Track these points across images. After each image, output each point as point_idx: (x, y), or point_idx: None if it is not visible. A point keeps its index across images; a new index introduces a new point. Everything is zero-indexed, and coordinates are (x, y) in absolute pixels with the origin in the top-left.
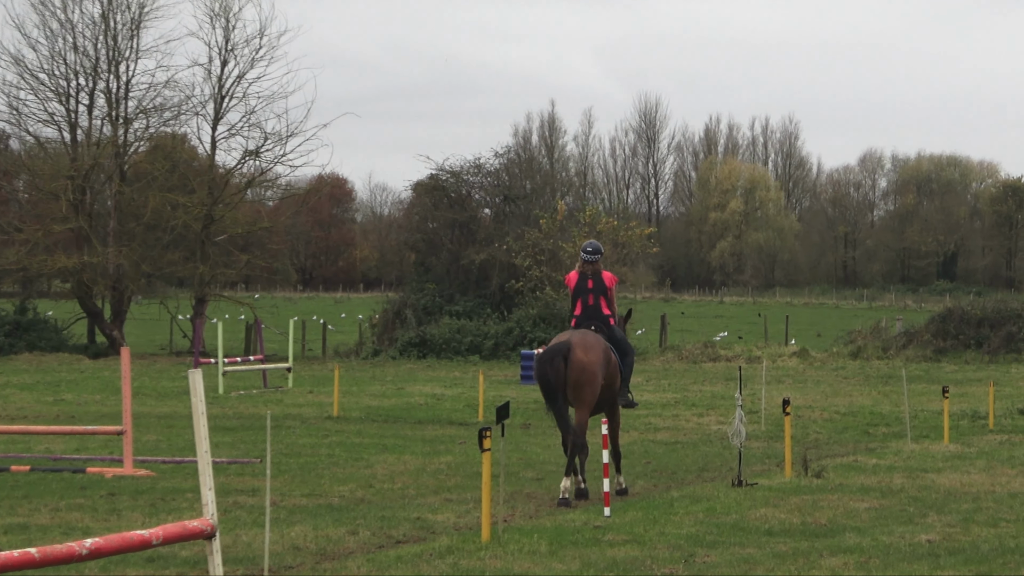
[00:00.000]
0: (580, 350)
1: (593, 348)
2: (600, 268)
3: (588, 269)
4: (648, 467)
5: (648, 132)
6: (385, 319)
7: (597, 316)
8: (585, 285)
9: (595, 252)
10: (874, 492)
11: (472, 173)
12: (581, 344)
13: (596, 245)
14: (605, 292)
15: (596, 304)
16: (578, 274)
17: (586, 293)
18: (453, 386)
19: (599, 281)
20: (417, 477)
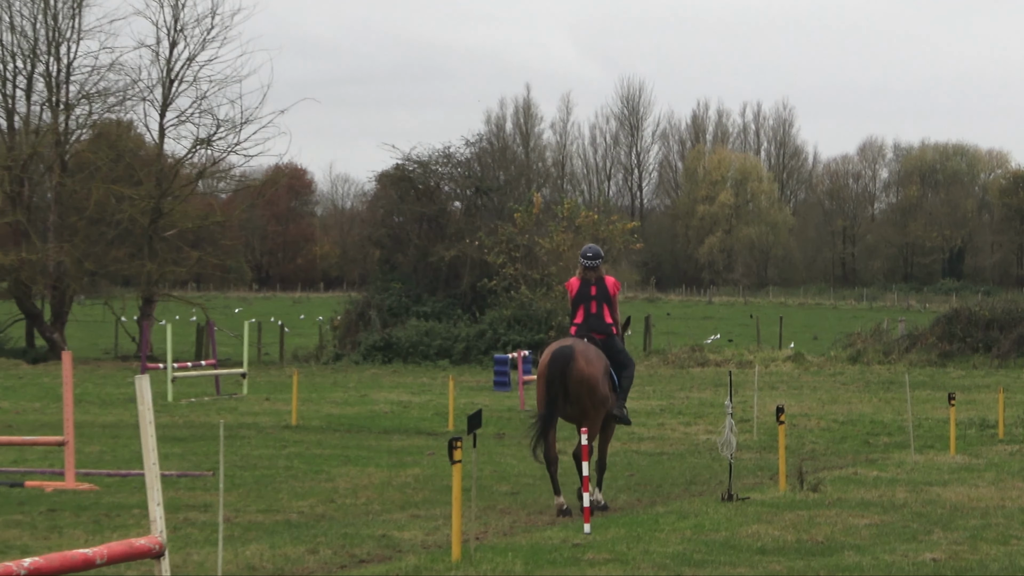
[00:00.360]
0: (583, 361)
1: (594, 363)
2: (603, 273)
3: (591, 275)
4: (632, 480)
5: (631, 119)
6: (347, 321)
7: (599, 325)
8: (588, 292)
9: (595, 257)
10: (875, 507)
11: (441, 163)
12: (584, 355)
13: (596, 249)
14: (609, 299)
15: (599, 312)
16: (580, 280)
17: (588, 300)
18: (421, 393)
19: (602, 287)
20: (382, 491)
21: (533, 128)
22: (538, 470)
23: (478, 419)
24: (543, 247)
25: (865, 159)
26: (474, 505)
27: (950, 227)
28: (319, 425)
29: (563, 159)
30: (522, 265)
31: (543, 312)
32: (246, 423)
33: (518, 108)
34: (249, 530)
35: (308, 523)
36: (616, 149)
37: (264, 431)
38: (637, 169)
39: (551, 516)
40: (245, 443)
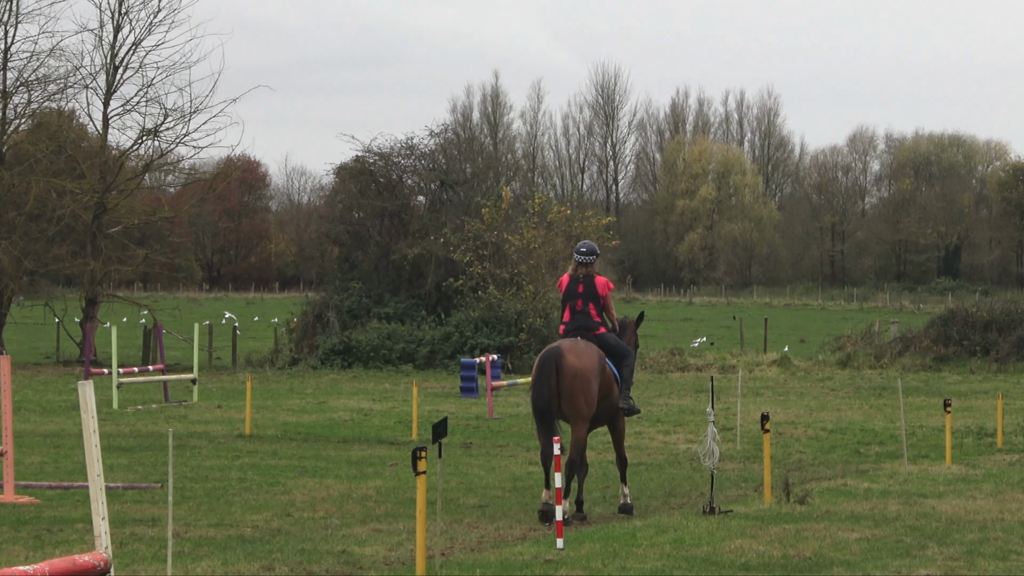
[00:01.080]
0: (572, 356)
1: (585, 354)
2: (594, 272)
3: (580, 272)
4: (607, 492)
5: (606, 108)
6: (304, 323)
7: (586, 324)
8: (575, 290)
9: (589, 253)
10: (866, 520)
11: (404, 155)
12: (572, 350)
13: (591, 246)
14: (596, 299)
15: (585, 310)
16: (569, 278)
17: (575, 298)
18: (383, 400)
19: (590, 286)
20: (342, 504)
21: (502, 118)
22: (507, 483)
23: (444, 428)
24: (513, 244)
25: (855, 151)
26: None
27: (945, 223)
28: (274, 434)
29: (534, 151)
30: (490, 264)
31: (513, 314)
32: (197, 432)
33: (486, 96)
34: (200, 546)
35: (263, 538)
36: (590, 140)
37: (216, 440)
38: (613, 161)
39: (522, 530)
40: (196, 453)
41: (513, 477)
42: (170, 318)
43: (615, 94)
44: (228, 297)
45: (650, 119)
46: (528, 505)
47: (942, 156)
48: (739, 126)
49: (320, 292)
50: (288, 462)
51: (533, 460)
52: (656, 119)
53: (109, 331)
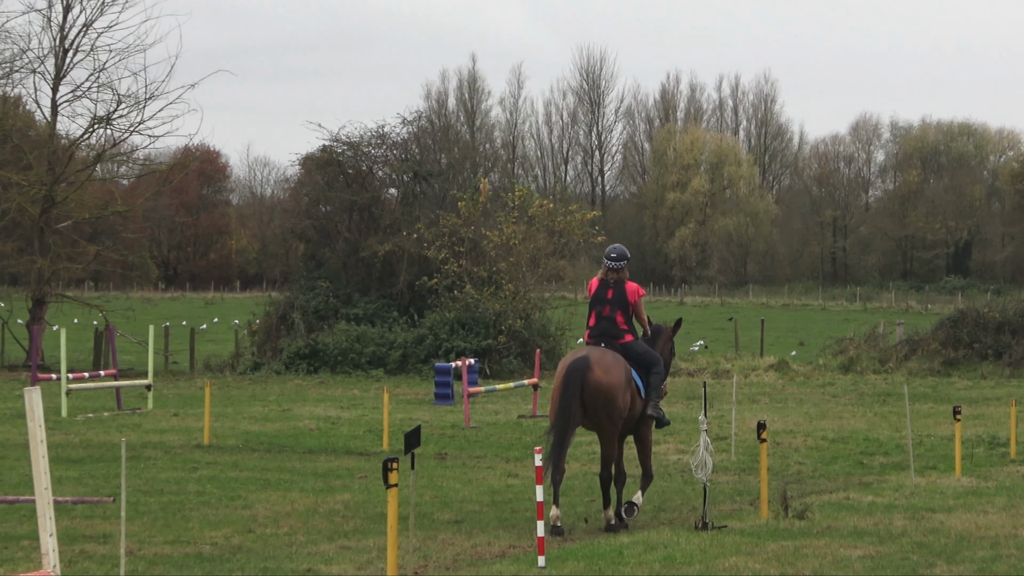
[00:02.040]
0: (600, 369)
1: (613, 368)
2: (625, 277)
3: (611, 277)
4: (592, 506)
5: (591, 94)
6: (267, 325)
7: (611, 331)
8: (604, 295)
9: (620, 258)
10: (870, 537)
11: (374, 145)
12: (600, 363)
13: (621, 250)
14: (625, 306)
15: (611, 317)
16: (599, 282)
17: (602, 304)
18: (351, 407)
19: (620, 292)
20: (307, 519)
21: (479, 105)
22: (485, 496)
23: (416, 437)
24: (491, 240)
25: (858, 140)
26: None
27: (955, 217)
28: (235, 444)
29: (514, 140)
30: (467, 261)
31: (491, 315)
32: (151, 442)
33: (462, 82)
34: (155, 564)
35: (222, 556)
36: (574, 128)
37: (172, 451)
38: (598, 151)
39: (501, 547)
40: (150, 465)
41: (491, 490)
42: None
43: (601, 79)
44: (185, 297)
45: (638, 106)
46: (507, 520)
47: (951, 146)
48: (734, 114)
49: (284, 292)
50: (250, 474)
51: (512, 472)
52: (645, 106)
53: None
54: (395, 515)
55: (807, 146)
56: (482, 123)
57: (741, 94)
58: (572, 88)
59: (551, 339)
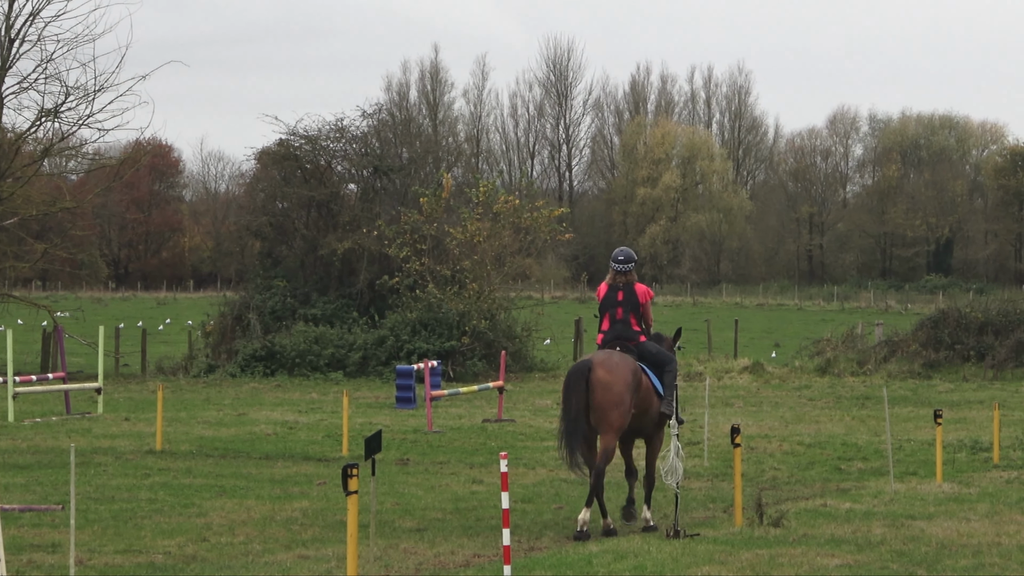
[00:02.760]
0: (602, 369)
1: (618, 367)
2: (634, 279)
3: (620, 280)
4: (560, 514)
5: (558, 86)
6: (222, 326)
7: (625, 333)
8: (615, 298)
9: (627, 261)
10: (847, 545)
11: (333, 139)
12: (604, 363)
13: (628, 253)
14: (637, 307)
15: (625, 320)
16: (608, 286)
17: (615, 307)
18: (309, 411)
19: (631, 294)
20: (264, 528)
21: (442, 97)
22: (448, 503)
23: (377, 442)
24: (454, 238)
25: (835, 133)
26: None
27: (936, 213)
28: (189, 450)
29: (478, 133)
30: (429, 259)
31: (455, 315)
32: (102, 447)
33: (424, 73)
34: (106, 574)
35: (176, 565)
36: (541, 122)
37: (123, 457)
38: (566, 145)
39: (465, 556)
40: (101, 471)
41: (455, 497)
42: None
43: (568, 71)
44: (137, 297)
45: (607, 98)
46: (472, 528)
47: (932, 139)
48: (706, 106)
49: (240, 291)
50: (204, 481)
51: (476, 478)
52: (614, 98)
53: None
54: (355, 523)
55: (783, 140)
56: (445, 116)
57: (714, 86)
58: (539, 80)
59: (517, 340)
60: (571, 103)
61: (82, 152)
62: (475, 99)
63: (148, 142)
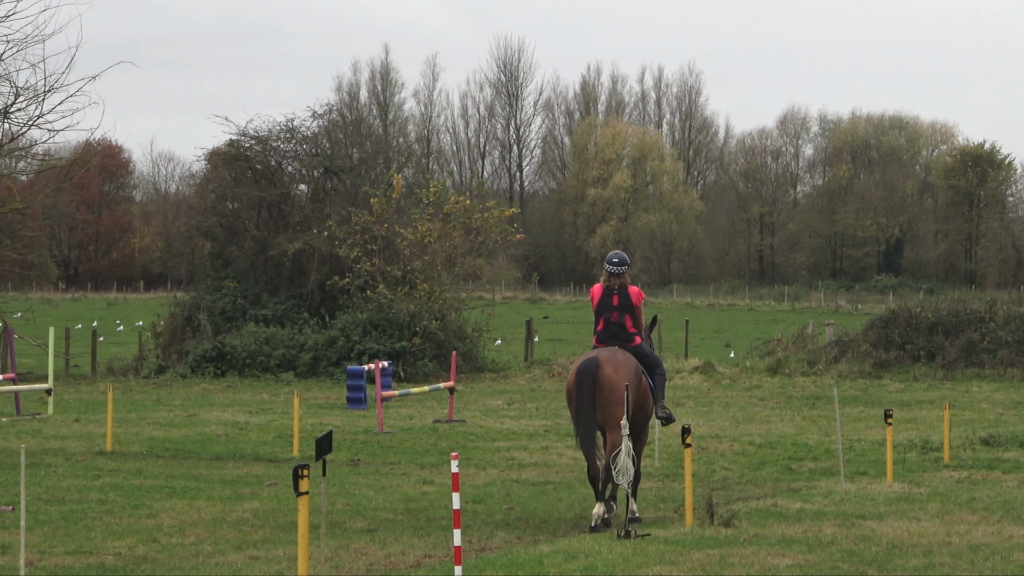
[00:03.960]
0: (610, 367)
1: (623, 365)
2: (627, 282)
3: (614, 283)
4: (511, 514)
5: (509, 86)
6: (172, 326)
7: (620, 335)
8: (610, 301)
9: (621, 264)
10: (798, 545)
11: (284, 139)
12: (610, 361)
13: (622, 256)
14: (631, 309)
15: (620, 322)
16: (602, 288)
17: (610, 310)
18: (260, 412)
19: (625, 297)
20: (214, 529)
21: (393, 97)
22: (399, 504)
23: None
24: (405, 238)
25: (786, 134)
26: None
27: (886, 214)
28: (139, 451)
29: (429, 134)
30: (380, 260)
31: (405, 315)
32: (52, 448)
33: (374, 73)
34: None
35: (126, 567)
36: (491, 122)
37: (73, 458)
38: (517, 146)
39: (416, 556)
40: (51, 472)
41: (406, 498)
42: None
43: (519, 71)
44: (87, 298)
45: (558, 99)
46: (423, 529)
47: (882, 140)
48: (657, 106)
49: (190, 292)
50: (154, 482)
51: (427, 479)
52: (565, 99)
53: None
54: (306, 524)
55: (733, 140)
56: (395, 116)
57: (664, 86)
58: (489, 80)
59: (468, 341)
60: (522, 104)
61: (32, 153)
62: (426, 100)
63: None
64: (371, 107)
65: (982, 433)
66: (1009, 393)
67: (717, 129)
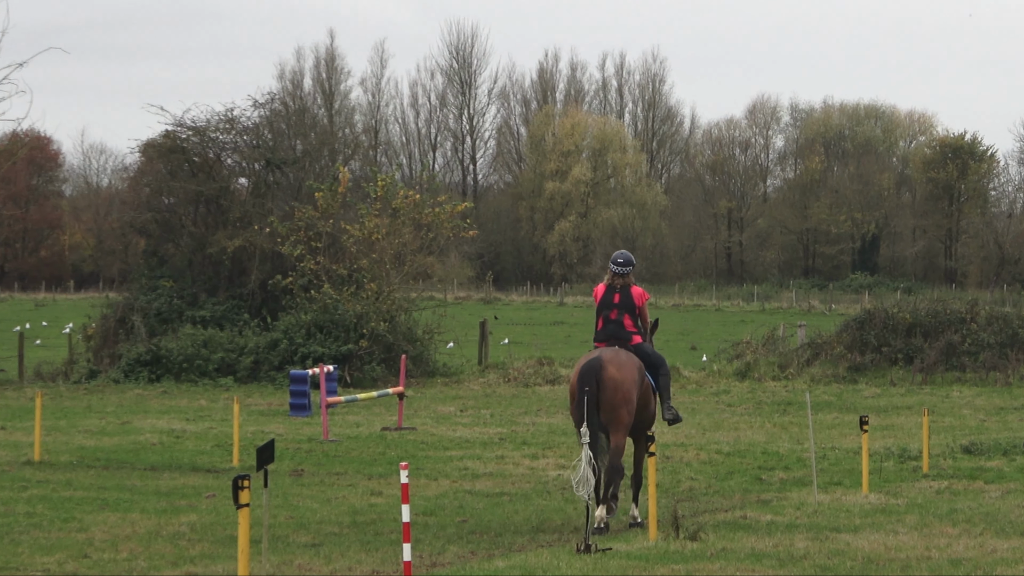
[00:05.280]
0: (613, 367)
1: (626, 365)
2: (631, 282)
3: (617, 282)
4: (464, 528)
5: (462, 74)
6: (104, 328)
7: (618, 334)
8: (611, 300)
9: (626, 264)
10: (769, 559)
11: (223, 130)
12: (614, 361)
13: (627, 256)
14: (632, 309)
15: (619, 320)
16: (605, 287)
17: (610, 308)
18: (198, 419)
19: (626, 296)
20: (149, 543)
21: (338, 86)
22: (345, 517)
23: (270, 452)
24: (351, 235)
25: (755, 124)
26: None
27: (861, 208)
28: (69, 460)
29: (377, 124)
30: (325, 258)
31: (352, 317)
32: None
33: (319, 60)
34: None
35: None
36: (443, 112)
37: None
38: (470, 136)
39: (362, 572)
40: None
41: (352, 510)
42: None
43: (472, 57)
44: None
45: (514, 87)
46: (370, 543)
47: (857, 130)
48: (618, 95)
49: (123, 292)
50: (85, 493)
51: (375, 490)
52: (521, 87)
53: None
54: (247, 538)
55: (699, 131)
56: (341, 106)
57: (627, 74)
58: (440, 67)
59: (418, 343)
60: (475, 92)
61: None
62: (373, 88)
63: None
64: (315, 96)
65: (963, 441)
66: (991, 398)
67: (682, 119)
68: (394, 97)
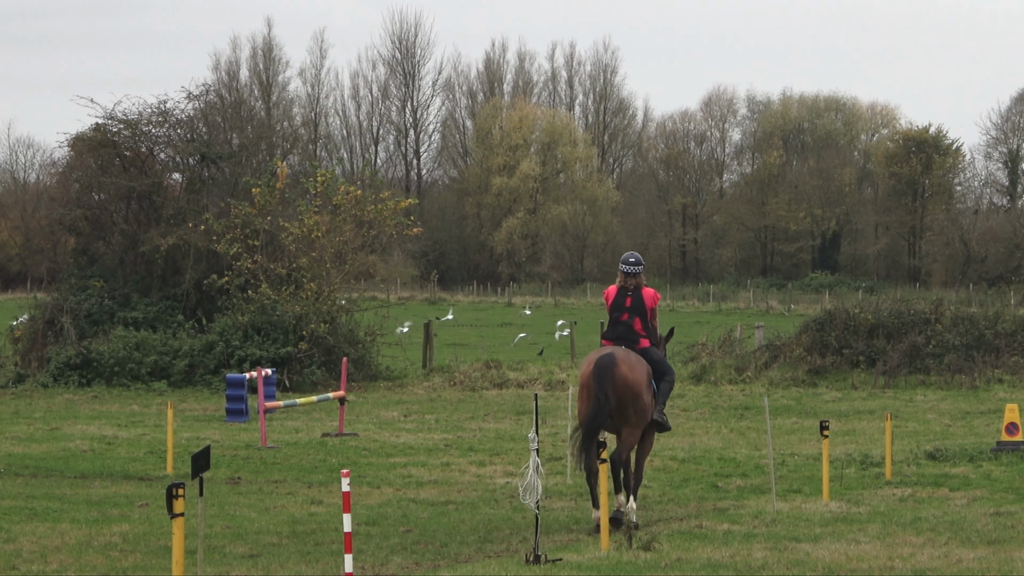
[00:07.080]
0: (625, 366)
1: (638, 366)
2: (642, 283)
3: (629, 283)
4: (407, 538)
5: (405, 65)
6: (32, 331)
7: (627, 336)
8: (623, 302)
9: (637, 264)
10: (726, 570)
11: (155, 123)
12: (626, 360)
13: (638, 256)
14: (643, 312)
15: (629, 323)
16: (617, 289)
17: (621, 310)
18: (130, 425)
19: (638, 299)
20: (79, 554)
21: (276, 77)
22: (285, 527)
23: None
24: (290, 233)
25: (711, 116)
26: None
27: (821, 205)
28: None
29: (316, 117)
30: (263, 257)
31: (291, 318)
32: None
33: (256, 50)
34: None
35: None
36: (386, 104)
37: None
38: (413, 130)
39: None
40: None
41: (292, 519)
42: None
43: (416, 48)
44: None
45: (459, 78)
46: (310, 554)
47: (817, 123)
48: (568, 86)
49: (51, 292)
50: (12, 503)
51: (316, 499)
52: (467, 78)
53: None
54: (181, 549)
55: (652, 124)
56: (279, 98)
57: (577, 64)
58: (383, 58)
59: (360, 346)
60: (419, 84)
61: None
62: (312, 79)
63: None
64: (252, 88)
65: (927, 446)
66: (957, 402)
67: (635, 111)
68: (334, 89)
